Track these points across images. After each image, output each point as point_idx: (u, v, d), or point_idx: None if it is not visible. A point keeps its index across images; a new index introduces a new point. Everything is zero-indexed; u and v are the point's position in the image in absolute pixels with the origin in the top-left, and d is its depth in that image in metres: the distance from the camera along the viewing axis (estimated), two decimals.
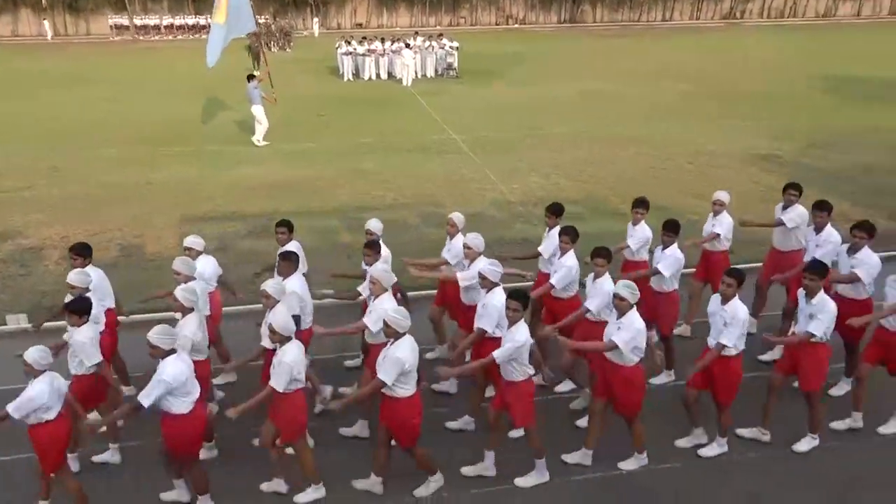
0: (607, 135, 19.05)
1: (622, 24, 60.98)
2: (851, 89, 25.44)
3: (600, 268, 6.63)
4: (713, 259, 8.32)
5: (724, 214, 8.27)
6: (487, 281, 6.33)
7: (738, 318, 5.99)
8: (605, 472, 6.37)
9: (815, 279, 6.15)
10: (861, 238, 6.98)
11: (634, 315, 5.87)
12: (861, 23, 61.30)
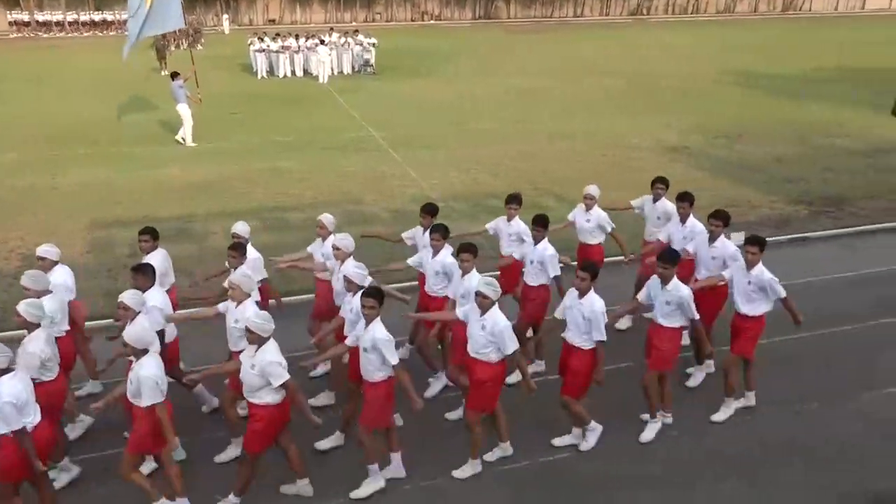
0: (527, 129, 19.31)
1: (535, 20, 62.04)
2: (757, 83, 26.70)
3: (466, 263, 6.57)
4: (589, 252, 8.41)
5: (597, 208, 8.41)
6: (353, 284, 6.16)
7: (596, 310, 6.09)
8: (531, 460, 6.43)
9: (668, 267, 6.36)
10: (717, 227, 7.19)
11: (496, 312, 5.85)
12: (757, 19, 64.59)
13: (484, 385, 5.99)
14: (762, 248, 6.64)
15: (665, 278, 6.43)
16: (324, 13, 58.60)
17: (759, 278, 6.60)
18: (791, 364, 7.86)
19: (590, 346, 6.21)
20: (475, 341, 5.93)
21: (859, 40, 42.24)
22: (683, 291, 6.39)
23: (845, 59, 32.14)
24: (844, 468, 6.23)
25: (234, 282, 6.16)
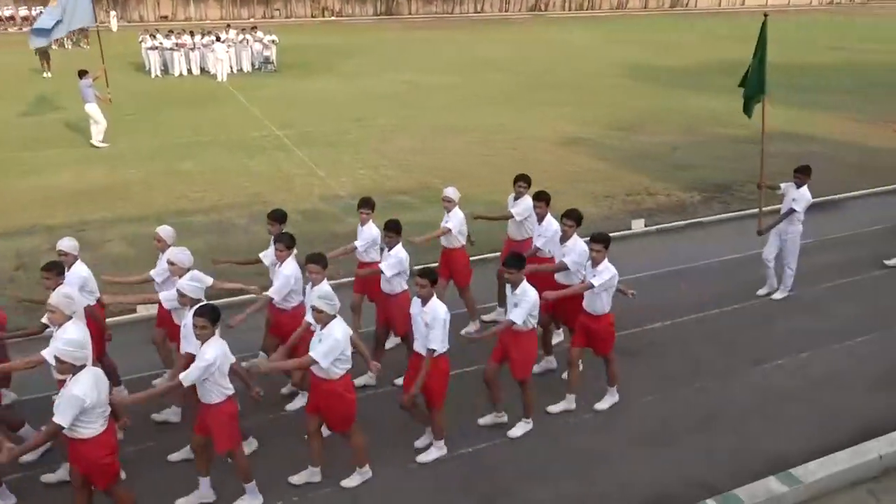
0: (433, 124, 19.41)
1: (437, 16, 62.37)
2: (650, 76, 27.88)
3: (315, 274, 6.18)
4: (451, 256, 8.21)
5: (456, 210, 8.08)
6: (186, 298, 5.77)
7: (438, 317, 5.86)
8: None
9: (513, 272, 6.21)
10: (570, 227, 7.11)
11: (336, 325, 5.55)
12: (647, 14, 67.46)
13: (333, 399, 5.68)
14: (607, 246, 6.58)
15: (512, 283, 6.28)
16: (220, 9, 56.79)
17: (604, 273, 6.56)
18: (690, 344, 8.28)
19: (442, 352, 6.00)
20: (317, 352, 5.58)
21: (738, 35, 44.87)
22: (530, 296, 6.22)
23: (726, 53, 34.09)
24: (744, 434, 6.64)
25: (52, 304, 5.44)
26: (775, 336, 8.40)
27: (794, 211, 8.86)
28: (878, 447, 6.23)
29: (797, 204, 8.84)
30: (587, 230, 11.52)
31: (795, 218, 8.92)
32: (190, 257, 6.45)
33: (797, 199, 8.84)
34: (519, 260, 6.34)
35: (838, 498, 5.90)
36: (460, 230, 8.09)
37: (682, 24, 53.52)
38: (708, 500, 5.66)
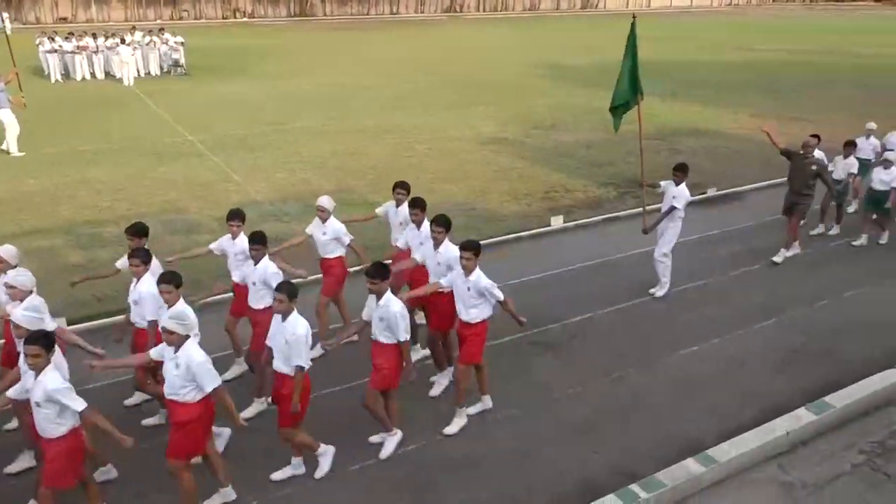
0: (352, 126, 19.27)
1: (352, 18, 61.95)
2: (564, 75, 28.56)
3: (167, 294, 5.83)
4: (330, 266, 7.92)
5: (332, 220, 7.81)
6: (21, 329, 5.38)
7: (298, 335, 5.65)
8: None
9: (377, 282, 6.02)
10: (440, 233, 6.96)
11: (190, 347, 5.28)
12: (559, 15, 69.12)
13: (186, 427, 5.34)
14: (477, 253, 6.47)
15: (376, 293, 6.08)
16: (123, 10, 54.62)
17: (477, 284, 6.45)
18: (609, 335, 8.55)
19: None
20: (170, 384, 5.33)
21: (645, 36, 46.48)
22: (394, 308, 6.02)
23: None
24: (663, 420, 6.90)
25: None
26: (688, 324, 8.77)
27: (674, 208, 9.10)
28: (786, 424, 6.61)
29: (677, 201, 9.09)
30: (508, 229, 11.81)
31: (676, 215, 9.17)
32: (32, 280, 6.03)
33: (677, 196, 9.10)
34: (382, 270, 6.10)
35: (752, 474, 6.22)
36: (342, 240, 7.83)
37: (593, 25, 55.12)
38: (632, 486, 5.86)
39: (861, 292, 9.60)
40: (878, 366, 7.65)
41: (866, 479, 6.14)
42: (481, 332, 6.71)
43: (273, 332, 5.85)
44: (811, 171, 10.16)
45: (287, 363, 5.76)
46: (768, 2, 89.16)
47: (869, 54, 36.16)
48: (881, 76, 28.63)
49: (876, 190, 10.91)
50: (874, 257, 10.78)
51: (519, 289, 9.64)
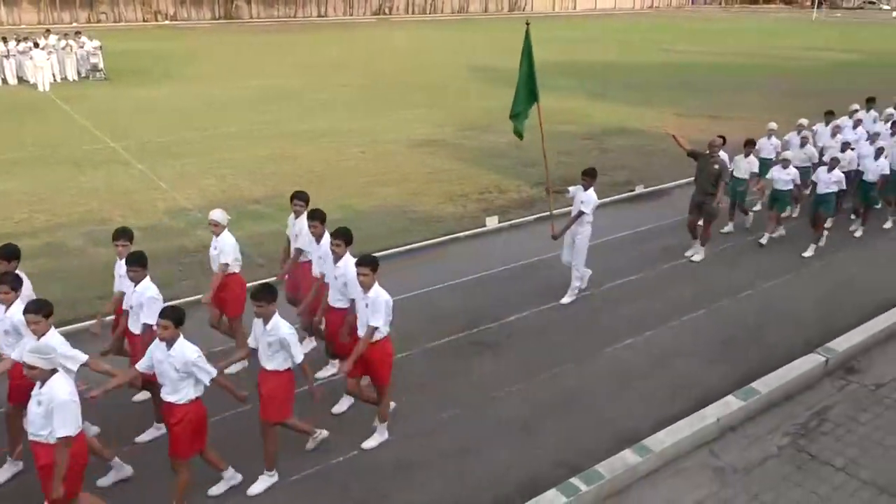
0: (284, 131, 18.96)
1: (280, 20, 61.00)
2: (496, 77, 28.80)
3: (34, 325, 5.37)
4: (225, 284, 7.38)
5: (225, 234, 7.33)
6: None
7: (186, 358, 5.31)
8: None
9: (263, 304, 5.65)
10: (338, 246, 6.66)
11: (55, 383, 4.85)
12: (487, 17, 69.87)
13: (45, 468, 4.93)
14: (374, 269, 6.11)
15: (263, 317, 5.73)
16: (36, 13, 52.26)
17: (376, 301, 6.11)
18: (546, 332, 8.68)
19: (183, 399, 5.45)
20: (32, 422, 4.95)
21: (571, 38, 47.61)
22: (283, 331, 5.69)
23: (562, 55, 36.06)
24: (601, 412, 7.05)
25: None
26: (622, 319, 8.99)
27: (583, 213, 9.02)
28: (716, 412, 6.86)
29: (585, 206, 9.01)
30: (445, 230, 11.84)
31: (585, 220, 9.07)
32: None
33: (585, 201, 9.02)
34: (268, 292, 5.71)
35: (685, 461, 6.43)
36: (235, 257, 7.36)
37: (520, 27, 55.84)
38: (572, 479, 5.96)
39: (780, 282, 10.06)
40: (799, 351, 8.02)
41: (792, 459, 6.43)
42: (385, 352, 6.33)
43: (159, 359, 5.42)
44: (715, 170, 10.28)
45: (176, 392, 5.39)
46: (688, 5, 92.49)
47: (781, 55, 37.95)
48: (793, 76, 30.08)
49: (776, 189, 11.19)
50: (796, 248, 11.28)
51: (458, 289, 9.71)
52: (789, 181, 11.03)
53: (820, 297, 9.58)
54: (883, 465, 6.31)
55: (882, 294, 9.55)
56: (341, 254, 6.72)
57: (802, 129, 12.66)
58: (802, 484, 6.10)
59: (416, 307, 9.18)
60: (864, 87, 23.19)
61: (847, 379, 7.73)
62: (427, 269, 10.36)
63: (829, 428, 6.86)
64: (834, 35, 51.20)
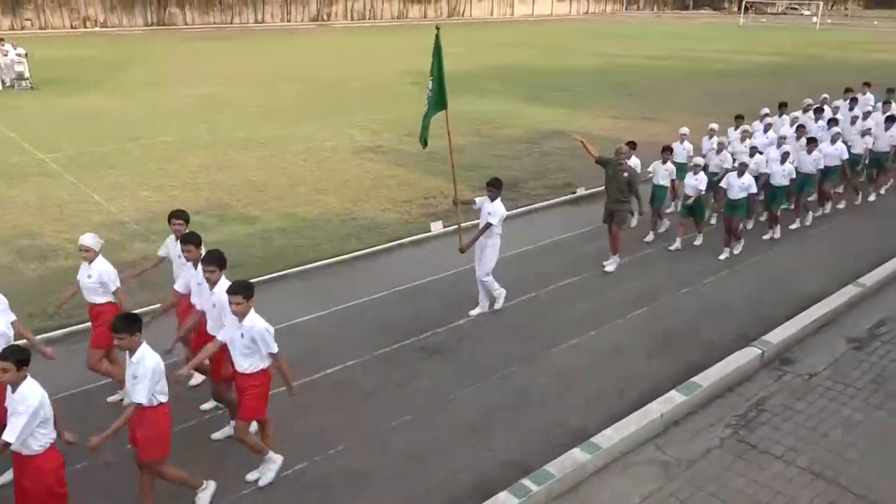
0: (222, 139, 18.59)
1: (215, 27, 59.82)
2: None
3: None
4: (95, 312, 6.98)
5: (100, 260, 6.87)
6: None
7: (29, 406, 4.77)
8: None
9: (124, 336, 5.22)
10: (212, 272, 6.19)
11: None
12: (427, 23, 70.03)
13: None
14: (248, 296, 5.67)
15: (126, 349, 5.32)
16: None
17: (251, 330, 5.73)
18: (494, 335, 8.75)
19: None
20: None
21: (510, 42, 48.24)
22: (149, 363, 5.26)
23: (501, 59, 36.50)
24: (550, 412, 7.14)
25: None
26: (567, 319, 9.14)
27: (490, 225, 8.73)
28: (660, 407, 7.04)
29: (493, 217, 8.71)
30: (389, 236, 11.82)
31: (493, 231, 8.79)
32: None
33: (492, 212, 8.73)
34: (130, 323, 5.26)
35: (632, 457, 6.57)
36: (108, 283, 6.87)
37: (459, 33, 56.27)
38: (523, 480, 6.03)
39: (717, 279, 10.40)
40: (737, 345, 8.31)
41: (733, 450, 6.65)
42: (261, 384, 5.94)
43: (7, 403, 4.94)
44: (624, 178, 10.12)
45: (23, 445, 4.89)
46: (621, 10, 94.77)
47: (712, 59, 39.28)
48: (723, 78, 31.17)
49: (688, 196, 11.15)
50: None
51: (405, 295, 9.70)
52: (696, 186, 11.02)
53: (752, 293, 9.93)
54: (818, 452, 6.58)
55: (810, 288, 9.97)
56: (215, 280, 6.21)
57: (714, 134, 12.76)
58: (744, 473, 6.32)
59: (363, 315, 9.15)
60: (789, 88, 24.24)
61: (782, 370, 8.05)
62: (373, 277, 10.32)
63: (767, 418, 7.12)
64: (760, 38, 53.33)
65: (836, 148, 12.62)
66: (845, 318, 9.26)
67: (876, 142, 13.64)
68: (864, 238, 12.03)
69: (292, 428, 6.80)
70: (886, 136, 13.64)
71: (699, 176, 11.08)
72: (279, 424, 6.64)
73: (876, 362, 8.17)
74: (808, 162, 12.10)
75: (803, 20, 79.77)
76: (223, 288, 6.02)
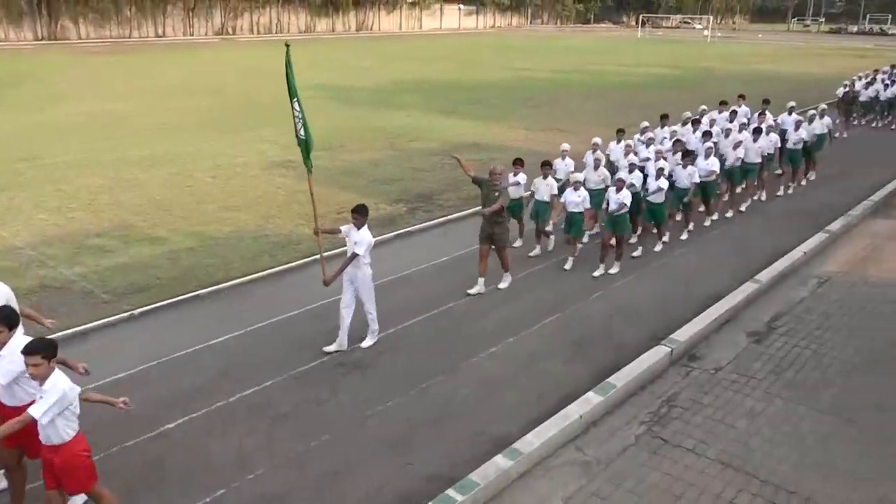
0: (124, 157, 17.82)
1: (113, 41, 57.49)
2: (345, 96, 28.79)
3: None
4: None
5: None
6: None
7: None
8: None
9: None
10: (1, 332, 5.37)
11: None
12: (335, 37, 69.73)
13: None
14: (47, 356, 4.98)
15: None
16: None
17: (52, 390, 4.98)
18: (413, 347, 8.74)
19: None
20: None
21: (418, 56, 48.65)
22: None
23: (410, 73, 36.74)
24: (472, 421, 7.19)
25: None
26: (485, 327, 9.24)
27: (356, 255, 8.19)
28: (578, 409, 7.21)
29: (359, 247, 8.17)
30: (304, 252, 11.62)
31: (361, 262, 8.26)
32: None
33: (358, 241, 8.18)
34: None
35: (554, 460, 6.70)
36: None
37: (367, 47, 56.29)
38: (448, 491, 6.03)
39: (623, 283, 10.78)
40: (647, 344, 8.63)
41: (648, 446, 6.89)
42: (76, 453, 5.21)
43: None
44: (497, 198, 9.82)
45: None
46: (527, 24, 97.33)
47: (614, 71, 40.88)
48: (624, 90, 32.48)
49: (569, 212, 11.02)
50: (631, 251, 12.13)
51: (322, 312, 9.56)
52: (579, 203, 10.91)
53: (659, 294, 10.36)
54: (726, 443, 6.91)
55: (712, 286, 10.49)
56: (4, 340, 5.38)
57: (597, 149, 12.52)
58: (659, 468, 6.56)
59: (280, 333, 8.96)
60: (683, 99, 25.52)
61: (690, 366, 8.42)
62: (289, 294, 10.13)
63: (678, 413, 7.42)
64: (657, 51, 55.94)
65: (710, 162, 12.70)
66: (745, 314, 9.79)
67: (747, 153, 13.79)
68: (758, 238, 12.77)
69: (210, 454, 6.57)
70: (755, 147, 13.94)
71: (580, 192, 10.93)
72: (196, 451, 6.41)
73: (774, 354, 8.67)
74: (684, 176, 12.20)
75: (695, 34, 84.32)
76: (13, 348, 5.30)
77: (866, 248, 12.48)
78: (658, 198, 11.67)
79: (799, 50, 60.77)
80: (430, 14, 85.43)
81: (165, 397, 7.49)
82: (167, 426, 6.99)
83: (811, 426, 7.20)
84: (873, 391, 7.86)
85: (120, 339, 8.84)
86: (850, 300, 10.25)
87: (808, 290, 10.65)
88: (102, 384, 7.64)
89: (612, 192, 10.89)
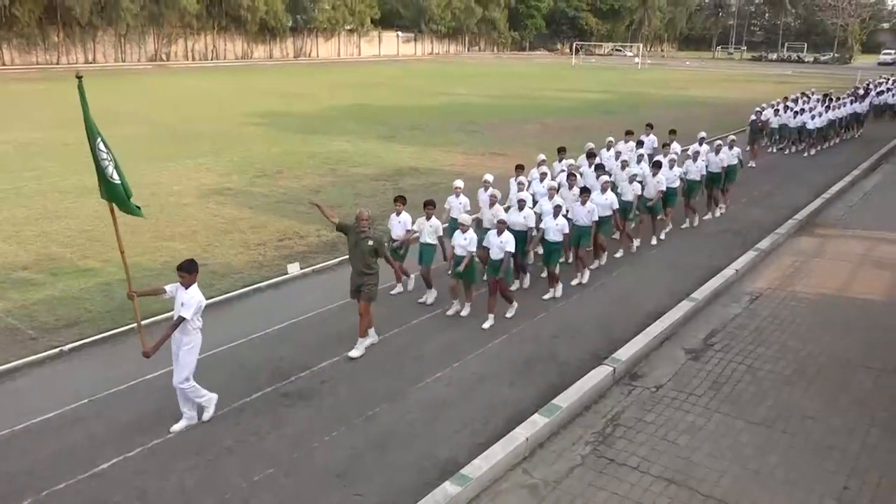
0: (51, 187, 17.16)
1: (39, 67, 55.64)
2: (284, 123, 28.53)
3: None
4: None
5: None
6: None
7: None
8: None
9: None
10: None
11: None
12: (273, 64, 69.29)
13: None
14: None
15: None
16: None
17: None
18: (358, 375, 8.63)
19: None
20: None
21: (357, 82, 48.77)
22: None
23: (350, 99, 36.77)
24: (418, 448, 7.13)
25: None
26: (430, 353, 9.21)
27: (183, 319, 7.03)
28: (524, 431, 7.24)
29: (185, 310, 7.00)
30: (244, 281, 11.38)
31: (188, 327, 7.11)
32: None
33: (185, 303, 7.03)
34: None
35: (502, 484, 6.69)
36: None
37: (305, 73, 56.10)
38: None
39: (566, 304, 10.94)
40: (590, 364, 8.76)
41: (594, 465, 6.96)
42: None
43: None
44: (368, 247, 8.83)
45: None
46: (464, 51, 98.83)
47: (549, 97, 41.84)
48: (559, 115, 33.25)
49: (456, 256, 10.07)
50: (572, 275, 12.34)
51: (265, 341, 9.38)
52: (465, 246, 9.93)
53: (601, 314, 10.55)
54: (669, 459, 7.05)
55: (650, 305, 10.75)
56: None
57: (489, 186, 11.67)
58: (605, 487, 6.62)
59: (220, 365, 8.71)
60: (618, 123, 26.27)
61: (632, 384, 8.57)
62: (230, 324, 9.88)
63: (622, 431, 7.53)
64: (590, 78, 57.59)
65: (607, 197, 11.99)
66: (683, 331, 10.06)
67: (645, 188, 13.27)
68: (692, 258, 13.17)
69: (149, 493, 6.31)
70: (653, 182, 13.33)
71: (468, 234, 9.96)
72: (135, 491, 6.14)
73: (711, 370, 8.92)
74: (583, 214, 11.36)
75: (627, 60, 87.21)
76: None
77: (793, 265, 13.03)
78: (556, 237, 10.87)
79: (726, 76, 63.57)
80: (368, 41, 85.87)
81: (100, 435, 7.18)
82: (103, 465, 6.70)
83: (748, 438, 7.42)
84: (802, 402, 8.17)
85: (49, 377, 8.45)
86: (780, 315, 10.65)
87: (741, 306, 11.03)
88: (31, 424, 7.30)
89: (492, 234, 9.94)
